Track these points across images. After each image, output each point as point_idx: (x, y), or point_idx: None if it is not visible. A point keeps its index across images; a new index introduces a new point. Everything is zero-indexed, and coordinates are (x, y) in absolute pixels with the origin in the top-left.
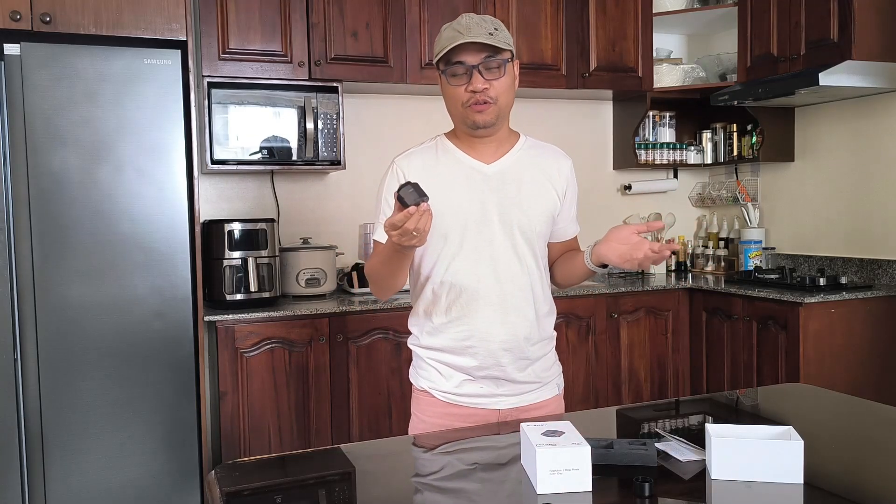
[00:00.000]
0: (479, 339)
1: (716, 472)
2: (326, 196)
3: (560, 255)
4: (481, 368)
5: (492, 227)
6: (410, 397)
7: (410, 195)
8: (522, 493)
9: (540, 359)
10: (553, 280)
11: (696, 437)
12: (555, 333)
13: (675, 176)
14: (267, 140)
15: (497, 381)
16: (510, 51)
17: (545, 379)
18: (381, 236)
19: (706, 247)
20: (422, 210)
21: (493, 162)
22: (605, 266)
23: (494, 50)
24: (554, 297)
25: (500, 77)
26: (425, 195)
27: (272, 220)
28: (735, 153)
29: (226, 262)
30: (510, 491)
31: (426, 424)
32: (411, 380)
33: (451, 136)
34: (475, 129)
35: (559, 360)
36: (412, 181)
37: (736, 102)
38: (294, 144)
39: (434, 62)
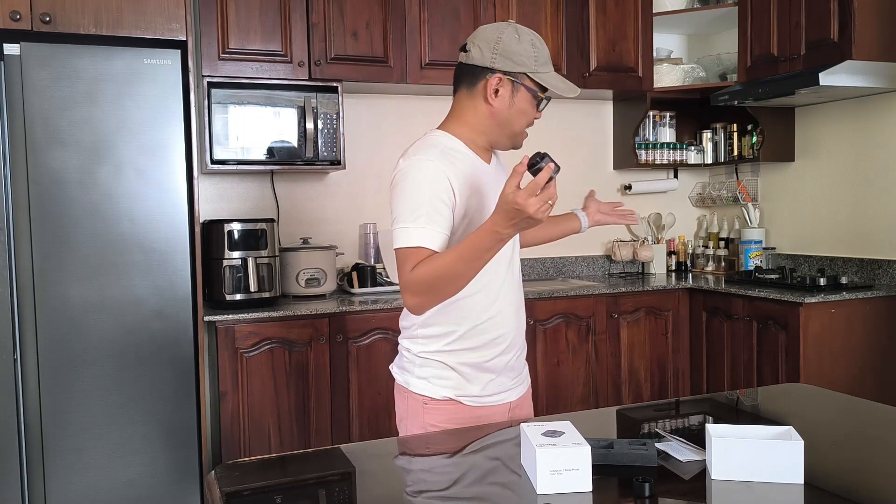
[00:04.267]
0: (505, 332)
1: (716, 472)
2: (326, 196)
3: None
4: (505, 363)
5: None
6: (409, 409)
7: (554, 167)
8: (522, 493)
9: (523, 347)
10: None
11: (697, 437)
12: None
13: (676, 176)
14: (267, 140)
15: (512, 373)
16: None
17: (525, 366)
18: (433, 242)
19: (706, 247)
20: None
21: (490, 163)
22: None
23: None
24: (554, 298)
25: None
26: (559, 168)
27: (272, 220)
28: (735, 153)
29: (226, 262)
30: (510, 491)
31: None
32: (423, 392)
33: (459, 134)
34: (507, 149)
35: (559, 359)
36: (542, 152)
37: (736, 102)
38: (294, 144)
39: (518, 72)
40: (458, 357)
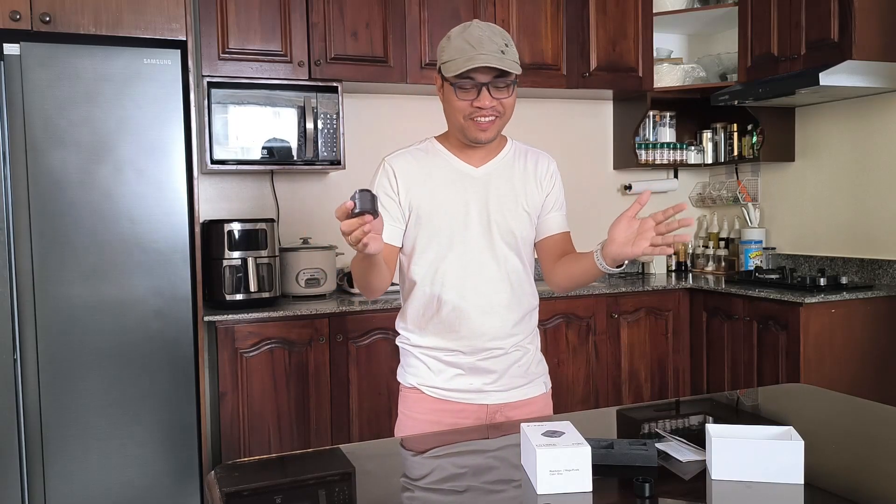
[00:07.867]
0: (466, 336)
1: (716, 472)
2: (326, 196)
3: (559, 257)
4: (469, 365)
5: (478, 230)
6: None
7: (365, 201)
8: (522, 494)
9: (524, 356)
10: (555, 282)
11: (697, 438)
12: (537, 331)
13: (676, 176)
14: (267, 140)
15: (490, 375)
16: (517, 73)
17: (531, 376)
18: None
19: (707, 247)
20: (364, 221)
21: (482, 165)
22: (620, 265)
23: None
24: (554, 298)
25: (508, 97)
26: (376, 212)
27: (272, 220)
28: (735, 153)
29: (225, 263)
30: (510, 491)
31: (415, 422)
32: (398, 378)
33: (443, 139)
34: (474, 143)
35: (559, 359)
36: (373, 191)
37: (736, 102)
38: (294, 144)
39: (438, 68)
40: (419, 350)
